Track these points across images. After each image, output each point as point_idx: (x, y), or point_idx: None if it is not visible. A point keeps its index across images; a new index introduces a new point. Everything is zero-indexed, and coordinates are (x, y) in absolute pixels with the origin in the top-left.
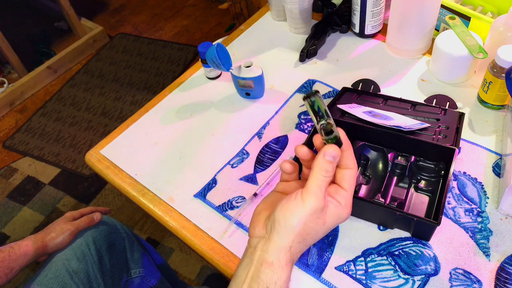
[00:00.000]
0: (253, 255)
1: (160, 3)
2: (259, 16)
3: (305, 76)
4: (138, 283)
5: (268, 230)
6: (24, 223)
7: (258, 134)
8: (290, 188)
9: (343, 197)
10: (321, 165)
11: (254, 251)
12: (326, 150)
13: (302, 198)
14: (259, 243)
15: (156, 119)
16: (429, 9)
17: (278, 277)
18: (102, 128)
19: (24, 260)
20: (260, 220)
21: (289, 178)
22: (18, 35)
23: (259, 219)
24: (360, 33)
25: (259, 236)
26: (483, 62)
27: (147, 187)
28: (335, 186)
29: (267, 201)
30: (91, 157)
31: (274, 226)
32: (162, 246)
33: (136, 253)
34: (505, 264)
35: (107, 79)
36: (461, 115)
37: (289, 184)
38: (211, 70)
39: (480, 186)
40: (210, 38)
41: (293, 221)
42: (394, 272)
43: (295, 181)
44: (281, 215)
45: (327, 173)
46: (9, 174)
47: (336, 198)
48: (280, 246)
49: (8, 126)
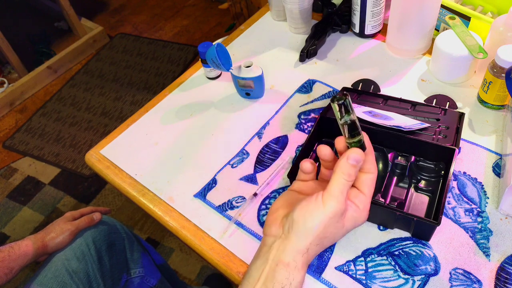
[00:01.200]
0: (268, 254)
1: (160, 3)
2: (259, 16)
3: (305, 76)
4: (138, 283)
5: (286, 230)
6: (24, 223)
7: (258, 134)
8: (307, 188)
9: (362, 202)
10: (344, 168)
11: (270, 250)
12: (350, 154)
13: (323, 200)
14: (275, 242)
15: (156, 119)
16: (429, 9)
17: (294, 278)
18: (102, 128)
19: (24, 260)
20: (276, 219)
21: (306, 177)
22: (18, 35)
23: (275, 217)
24: (360, 33)
25: (275, 235)
26: (483, 62)
27: (147, 187)
28: (355, 190)
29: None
30: (91, 157)
31: (292, 227)
32: (162, 246)
33: (136, 253)
34: (505, 264)
35: (107, 79)
36: (461, 115)
37: (306, 184)
38: (211, 70)
39: (480, 186)
40: (210, 38)
41: (312, 224)
42: (394, 272)
43: (313, 181)
44: (300, 216)
45: (350, 177)
46: (9, 174)
47: (355, 202)
48: (298, 247)
49: (8, 126)
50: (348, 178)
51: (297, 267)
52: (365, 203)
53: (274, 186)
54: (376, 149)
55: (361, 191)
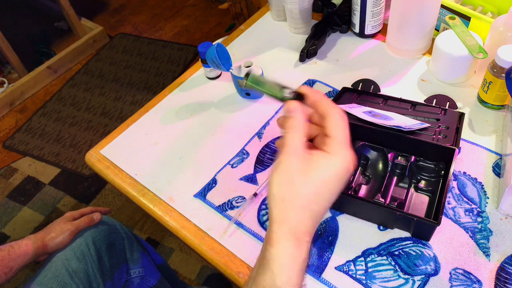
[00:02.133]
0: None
1: (160, 3)
2: (259, 16)
3: (305, 76)
4: (137, 283)
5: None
6: (24, 223)
7: (258, 134)
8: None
9: (330, 145)
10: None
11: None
12: (285, 107)
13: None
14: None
15: (156, 119)
16: (429, 9)
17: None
18: (102, 128)
19: (24, 260)
20: None
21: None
22: (18, 35)
23: None
24: (360, 33)
25: None
26: (483, 62)
27: (147, 187)
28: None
29: None
30: (91, 157)
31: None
32: (162, 246)
33: (136, 253)
34: (505, 264)
35: (107, 79)
36: (461, 115)
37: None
38: (211, 70)
39: (480, 186)
40: (210, 38)
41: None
42: (394, 272)
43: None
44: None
45: (289, 129)
46: (9, 174)
47: (324, 149)
48: (273, 218)
49: (8, 126)
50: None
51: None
52: (334, 146)
53: None
54: (376, 149)
55: (327, 136)
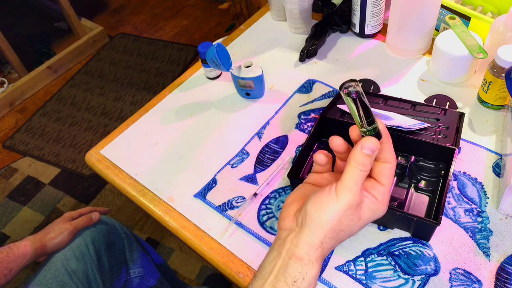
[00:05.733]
0: (281, 248)
1: (160, 3)
2: (259, 16)
3: (305, 76)
4: (137, 283)
5: (299, 224)
6: (24, 223)
7: (258, 134)
8: (322, 180)
9: (380, 193)
10: (358, 158)
11: (283, 243)
12: (365, 143)
13: (336, 193)
14: (289, 236)
15: (156, 119)
16: (429, 9)
17: (307, 273)
18: (102, 128)
19: (23, 261)
20: (290, 212)
21: (322, 169)
22: (18, 35)
23: (289, 211)
24: (360, 33)
25: (288, 229)
26: (483, 62)
27: (147, 187)
28: (372, 181)
29: (298, 192)
30: (91, 157)
31: (305, 221)
32: (162, 246)
33: (135, 253)
34: (505, 264)
35: (107, 79)
36: (461, 115)
37: (321, 176)
38: (211, 70)
39: (480, 186)
40: (210, 38)
41: (326, 217)
42: (394, 272)
43: (328, 173)
44: (313, 209)
45: (364, 167)
46: (9, 174)
47: (372, 193)
48: (311, 241)
49: (8, 126)
50: (363, 168)
51: (311, 261)
52: (384, 194)
53: (274, 186)
54: None
55: (379, 182)
